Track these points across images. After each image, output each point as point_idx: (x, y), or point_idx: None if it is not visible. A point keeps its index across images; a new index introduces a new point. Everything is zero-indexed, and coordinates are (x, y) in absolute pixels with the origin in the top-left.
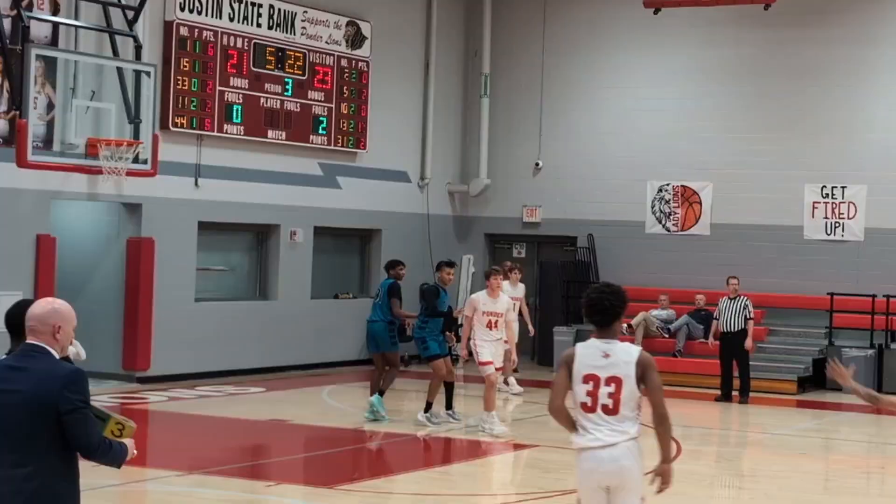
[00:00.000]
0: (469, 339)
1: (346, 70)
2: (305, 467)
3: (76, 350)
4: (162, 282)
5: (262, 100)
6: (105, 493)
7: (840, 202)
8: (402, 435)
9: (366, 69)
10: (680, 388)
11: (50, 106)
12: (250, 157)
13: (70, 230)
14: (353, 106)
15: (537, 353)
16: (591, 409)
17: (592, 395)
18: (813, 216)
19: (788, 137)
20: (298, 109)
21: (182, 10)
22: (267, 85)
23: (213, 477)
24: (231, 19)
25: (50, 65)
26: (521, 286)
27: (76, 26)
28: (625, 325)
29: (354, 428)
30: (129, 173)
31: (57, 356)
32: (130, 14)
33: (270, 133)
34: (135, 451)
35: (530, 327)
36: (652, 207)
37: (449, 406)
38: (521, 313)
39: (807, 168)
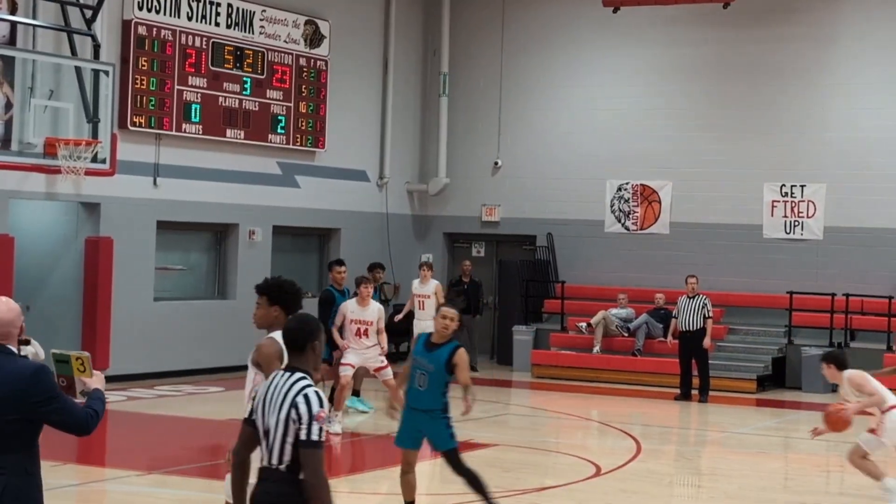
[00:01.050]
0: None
1: (305, 69)
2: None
3: (34, 350)
4: (121, 281)
5: (220, 99)
6: (65, 492)
7: (799, 201)
8: (363, 434)
9: (324, 68)
10: (639, 388)
11: (8, 105)
12: (209, 156)
13: (28, 230)
14: (312, 105)
15: (496, 352)
16: None
17: None
18: (772, 215)
19: (747, 136)
20: (257, 108)
21: (140, 9)
22: (225, 84)
23: (173, 477)
24: (189, 18)
25: (8, 64)
26: (433, 283)
27: (34, 25)
28: (584, 324)
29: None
30: (88, 173)
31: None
32: (88, 13)
33: (229, 132)
34: (103, 380)
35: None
36: (611, 206)
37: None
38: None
39: (766, 167)
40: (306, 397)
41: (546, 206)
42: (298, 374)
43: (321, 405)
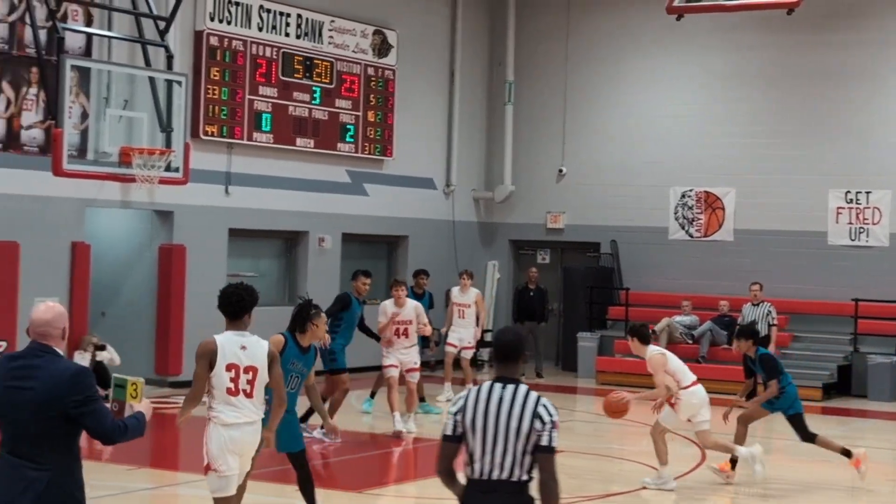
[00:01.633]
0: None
1: (373, 78)
2: (334, 471)
3: (110, 355)
4: (193, 288)
5: (290, 108)
6: (139, 496)
7: (864, 207)
8: (430, 440)
9: (392, 77)
10: None
11: (84, 115)
12: (279, 164)
13: (104, 237)
14: (380, 114)
15: (561, 358)
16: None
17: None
18: (837, 221)
19: (812, 142)
20: (326, 118)
21: (212, 20)
22: (295, 93)
23: (249, 481)
24: (260, 29)
25: (84, 75)
26: (473, 291)
27: (109, 37)
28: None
29: (382, 433)
30: (162, 181)
31: (63, 355)
32: (162, 24)
33: (299, 141)
34: (150, 408)
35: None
36: (675, 213)
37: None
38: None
39: (830, 173)
40: (545, 406)
41: (610, 213)
42: (521, 385)
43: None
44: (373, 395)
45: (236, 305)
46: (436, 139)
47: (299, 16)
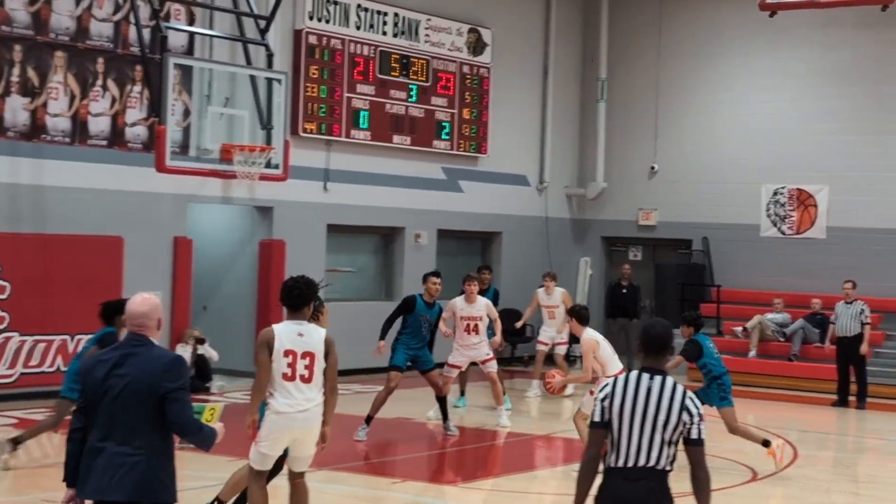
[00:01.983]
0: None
1: (468, 76)
2: (429, 465)
3: (208, 353)
4: None
5: (387, 106)
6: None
7: None
8: (523, 434)
9: (487, 75)
10: (795, 393)
11: (186, 113)
12: (376, 161)
13: (205, 233)
14: (475, 111)
15: None
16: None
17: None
18: None
19: None
20: (422, 115)
21: (311, 19)
22: (392, 91)
23: (340, 473)
24: (358, 27)
25: (186, 73)
26: (558, 291)
27: (211, 36)
28: (740, 329)
29: (477, 426)
30: (262, 178)
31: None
32: (262, 23)
33: (396, 138)
34: (223, 432)
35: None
36: (767, 210)
37: (445, 419)
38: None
39: None
40: (692, 399)
41: (702, 209)
42: (668, 378)
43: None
44: (463, 393)
45: (297, 298)
46: (529, 136)
47: (396, 14)
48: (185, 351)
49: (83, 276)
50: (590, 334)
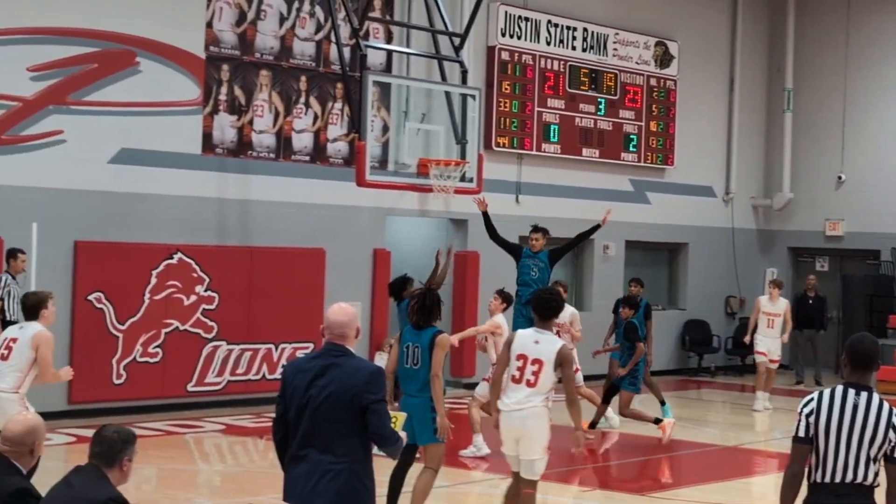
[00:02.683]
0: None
1: (655, 89)
2: (619, 473)
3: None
4: (486, 293)
5: (576, 119)
6: (435, 493)
7: None
8: (708, 445)
9: (673, 87)
10: None
11: (385, 128)
12: (566, 174)
13: (402, 244)
14: (662, 123)
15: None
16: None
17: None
18: None
19: None
20: (610, 128)
21: (503, 35)
22: (581, 105)
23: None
24: (548, 43)
25: (385, 90)
26: (783, 301)
27: (408, 53)
28: None
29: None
30: (457, 191)
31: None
32: (457, 41)
33: (585, 151)
34: (404, 441)
35: (785, 337)
36: None
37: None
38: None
39: None
40: None
41: (890, 219)
42: (875, 394)
43: None
44: (663, 403)
45: (549, 310)
46: (715, 147)
47: (585, 29)
48: (382, 359)
49: (287, 286)
50: (501, 319)
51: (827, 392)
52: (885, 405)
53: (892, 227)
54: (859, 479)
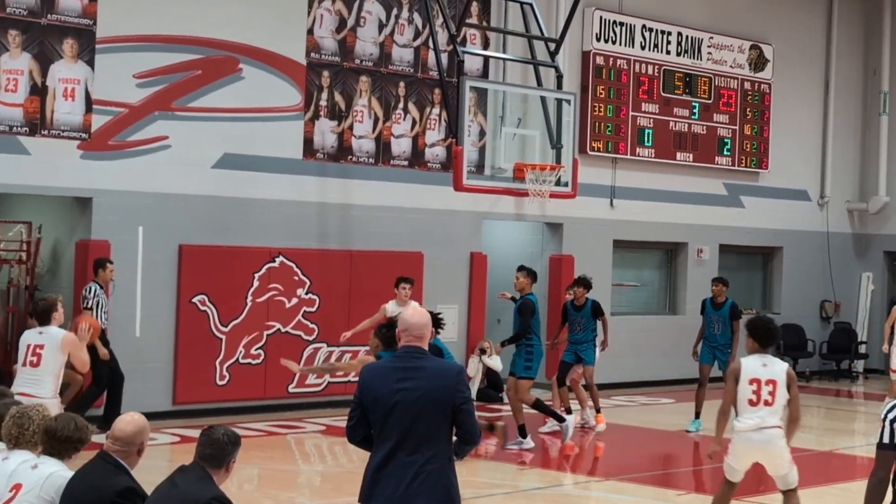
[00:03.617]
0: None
1: (749, 92)
2: (713, 478)
3: (493, 363)
4: None
5: (671, 123)
6: (530, 494)
7: None
8: (804, 450)
9: (768, 91)
10: None
11: (482, 133)
12: (660, 178)
13: (498, 248)
14: (756, 127)
15: None
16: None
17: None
18: None
19: None
20: (704, 132)
21: (598, 40)
22: (675, 109)
23: (627, 484)
24: (642, 48)
25: (481, 95)
26: None
27: (504, 59)
28: None
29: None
30: (552, 195)
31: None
32: (552, 46)
33: (679, 155)
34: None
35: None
36: None
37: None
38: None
39: None
40: None
41: None
42: None
43: None
44: (697, 416)
45: (767, 339)
46: (810, 151)
47: (679, 34)
48: (472, 361)
49: (386, 289)
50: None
51: None
52: None
53: None
54: None
